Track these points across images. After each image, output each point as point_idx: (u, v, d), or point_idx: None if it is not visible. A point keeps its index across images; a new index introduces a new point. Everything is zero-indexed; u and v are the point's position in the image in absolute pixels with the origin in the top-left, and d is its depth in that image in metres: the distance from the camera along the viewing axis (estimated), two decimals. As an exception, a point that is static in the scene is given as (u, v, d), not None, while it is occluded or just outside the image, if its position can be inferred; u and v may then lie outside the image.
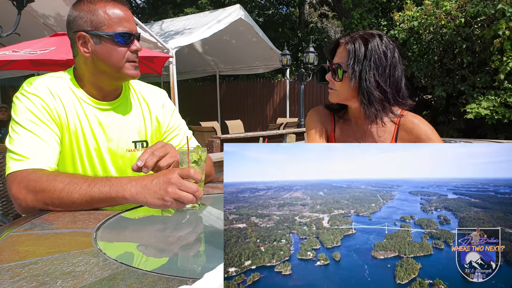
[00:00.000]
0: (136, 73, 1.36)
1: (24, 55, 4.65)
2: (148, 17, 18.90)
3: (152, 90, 1.56)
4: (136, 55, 1.36)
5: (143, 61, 5.85)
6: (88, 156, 1.37)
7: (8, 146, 1.23)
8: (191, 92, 14.58)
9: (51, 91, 1.31)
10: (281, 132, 8.00)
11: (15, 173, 1.17)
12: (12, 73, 9.56)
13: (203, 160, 1.17)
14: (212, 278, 0.55)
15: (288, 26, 17.95)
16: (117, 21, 1.31)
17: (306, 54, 9.84)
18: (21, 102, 1.27)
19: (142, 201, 1.06)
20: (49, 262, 0.71)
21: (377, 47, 1.48)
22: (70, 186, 1.10)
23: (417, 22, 8.34)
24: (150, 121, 1.51)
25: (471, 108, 7.51)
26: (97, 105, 1.39)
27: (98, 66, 1.35)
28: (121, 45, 1.32)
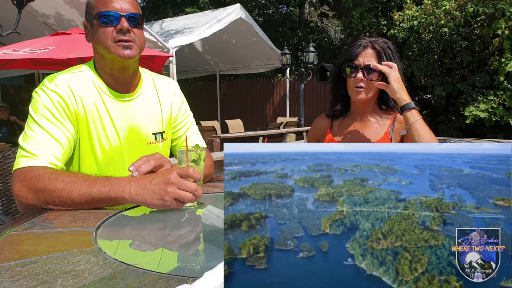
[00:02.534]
0: (127, 52, 1.32)
1: (24, 54, 4.65)
2: (149, 17, 18.88)
3: (164, 80, 1.58)
4: (123, 35, 1.32)
5: (143, 61, 5.84)
6: (110, 149, 1.38)
7: (20, 142, 1.24)
8: (191, 92, 14.52)
9: (71, 89, 1.32)
10: (281, 132, 8.00)
11: (20, 170, 1.19)
12: (12, 72, 9.55)
13: (202, 159, 1.17)
14: (212, 277, 0.55)
15: (288, 25, 17.95)
16: (103, 2, 1.32)
17: (306, 54, 9.84)
18: (40, 98, 1.29)
19: (141, 202, 1.06)
20: (49, 261, 0.71)
21: (393, 45, 1.72)
22: (71, 186, 1.10)
23: (416, 21, 8.35)
24: (166, 111, 1.52)
25: (470, 111, 7.51)
26: (118, 97, 1.40)
27: (97, 51, 1.37)
28: (104, 25, 1.31)
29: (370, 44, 1.68)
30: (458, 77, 8.33)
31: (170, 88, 1.57)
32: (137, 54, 1.36)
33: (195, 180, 1.09)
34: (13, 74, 10.10)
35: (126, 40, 1.32)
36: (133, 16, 1.34)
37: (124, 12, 1.32)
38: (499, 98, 7.46)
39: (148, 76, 1.53)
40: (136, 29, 1.35)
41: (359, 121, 1.80)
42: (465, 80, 8.23)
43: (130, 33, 1.33)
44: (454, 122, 8.79)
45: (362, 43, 1.69)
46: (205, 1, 17.31)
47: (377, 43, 1.67)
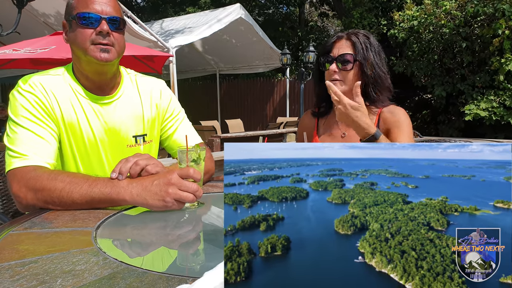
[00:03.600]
0: (104, 56, 1.29)
1: (24, 54, 4.64)
2: (149, 16, 18.89)
3: (148, 80, 1.55)
4: (103, 37, 1.29)
5: (143, 60, 5.84)
6: (86, 152, 1.37)
7: (7, 144, 1.24)
8: (191, 91, 14.56)
9: (45, 88, 1.31)
10: (281, 131, 8.00)
11: (14, 170, 1.18)
12: (12, 72, 9.54)
13: (202, 158, 1.17)
14: (212, 277, 0.55)
15: (288, 25, 17.94)
16: (83, 3, 1.30)
17: (306, 53, 9.84)
18: (16, 100, 1.28)
19: (142, 203, 1.06)
20: (49, 261, 0.71)
21: (375, 40, 1.65)
22: (71, 186, 1.10)
23: (417, 21, 8.35)
24: (149, 112, 1.50)
25: (470, 109, 7.52)
26: (95, 99, 1.38)
27: (74, 52, 1.35)
28: (83, 26, 1.29)
29: (346, 35, 1.62)
30: (458, 77, 8.34)
31: (155, 88, 1.54)
32: (115, 59, 1.33)
33: (195, 180, 1.09)
34: (13, 74, 10.08)
35: (104, 44, 1.30)
36: (114, 19, 1.31)
37: (105, 14, 1.30)
38: (499, 97, 7.46)
39: (130, 77, 1.51)
40: (116, 33, 1.32)
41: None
42: (465, 80, 8.23)
43: (109, 36, 1.30)
44: (454, 122, 8.79)
45: (337, 34, 1.65)
46: (205, 1, 17.31)
47: (354, 35, 1.60)
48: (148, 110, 1.50)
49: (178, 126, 1.58)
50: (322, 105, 1.78)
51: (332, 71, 1.58)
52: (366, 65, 1.57)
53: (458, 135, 8.63)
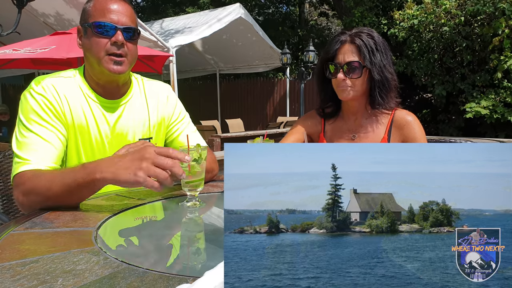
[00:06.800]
0: (117, 68, 1.31)
1: (24, 53, 4.64)
2: (149, 16, 18.88)
3: (155, 85, 1.57)
4: (117, 48, 1.30)
5: (144, 60, 5.84)
6: (93, 153, 1.38)
7: (14, 149, 1.24)
8: (191, 91, 14.55)
9: (57, 91, 1.32)
10: (281, 131, 8.00)
11: (15, 176, 1.19)
12: (13, 72, 9.56)
13: (203, 158, 1.17)
14: (212, 276, 0.55)
15: (288, 24, 17.92)
16: (101, 11, 1.30)
17: (306, 53, 9.84)
18: (27, 102, 1.29)
19: (113, 179, 1.01)
20: (50, 261, 0.71)
21: (379, 37, 1.58)
22: (51, 182, 1.09)
23: (417, 20, 8.35)
24: (155, 116, 1.51)
25: (471, 107, 7.52)
26: (104, 103, 1.39)
27: (87, 59, 1.36)
28: (99, 36, 1.29)
29: (349, 38, 1.55)
30: (458, 76, 8.33)
31: (161, 92, 1.55)
32: (127, 70, 1.35)
33: (181, 161, 1.03)
34: (13, 74, 10.10)
35: (118, 55, 1.31)
36: (129, 29, 1.32)
37: (121, 24, 1.30)
38: (499, 96, 7.46)
39: (138, 82, 1.52)
40: (130, 43, 1.33)
41: (353, 123, 1.66)
42: (465, 79, 8.22)
43: (124, 47, 1.31)
44: (455, 121, 8.79)
45: (340, 38, 1.56)
46: (205, 1, 17.30)
47: (357, 37, 1.53)
48: (155, 114, 1.51)
49: (183, 130, 1.59)
50: (328, 104, 1.72)
51: (341, 79, 1.54)
52: (373, 70, 1.53)
53: (458, 134, 8.63)
